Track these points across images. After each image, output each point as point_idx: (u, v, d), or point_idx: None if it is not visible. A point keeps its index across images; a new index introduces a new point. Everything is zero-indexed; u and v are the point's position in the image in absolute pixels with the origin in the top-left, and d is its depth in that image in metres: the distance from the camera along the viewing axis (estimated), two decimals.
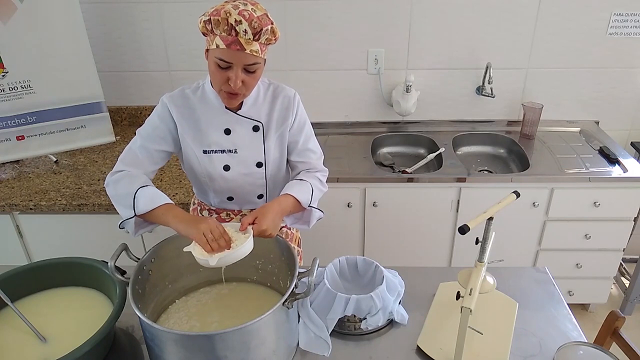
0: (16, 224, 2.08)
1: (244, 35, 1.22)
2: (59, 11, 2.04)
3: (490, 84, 2.47)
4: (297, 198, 1.38)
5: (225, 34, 1.21)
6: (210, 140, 1.41)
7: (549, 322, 1.36)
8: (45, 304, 1.32)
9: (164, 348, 1.10)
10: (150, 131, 1.40)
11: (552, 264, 2.32)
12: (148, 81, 2.58)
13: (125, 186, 1.32)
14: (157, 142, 1.40)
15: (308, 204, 1.42)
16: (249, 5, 1.24)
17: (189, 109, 1.40)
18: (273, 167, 1.49)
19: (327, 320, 1.29)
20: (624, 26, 2.40)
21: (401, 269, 1.49)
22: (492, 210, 1.20)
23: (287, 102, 1.45)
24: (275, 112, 1.44)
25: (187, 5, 2.39)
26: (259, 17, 1.22)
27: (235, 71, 1.26)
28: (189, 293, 1.40)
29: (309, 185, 1.44)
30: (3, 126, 2.10)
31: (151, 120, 1.42)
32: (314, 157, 1.52)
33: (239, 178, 1.46)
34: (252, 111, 1.42)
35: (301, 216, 1.49)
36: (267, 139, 1.45)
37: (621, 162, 2.28)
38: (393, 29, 2.43)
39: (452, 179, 2.22)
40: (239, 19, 1.20)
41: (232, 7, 1.21)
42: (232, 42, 1.22)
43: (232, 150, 1.43)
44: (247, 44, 1.22)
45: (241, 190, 1.50)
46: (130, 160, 1.39)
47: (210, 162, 1.43)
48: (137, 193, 1.29)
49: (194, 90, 1.42)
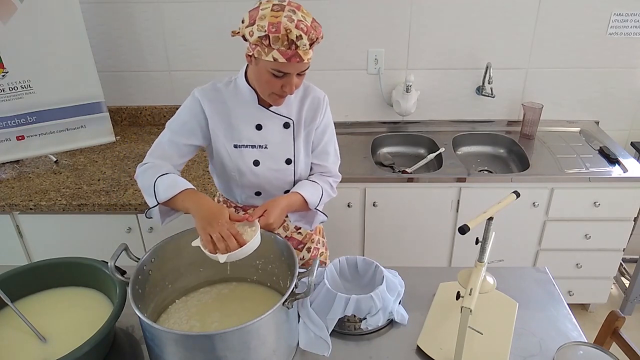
0: (16, 224, 2.08)
1: (303, 48, 1.22)
2: (59, 11, 2.04)
3: (490, 84, 2.47)
4: (306, 198, 1.41)
5: (284, 49, 1.21)
6: (242, 135, 1.42)
7: (549, 322, 1.36)
8: (45, 304, 1.32)
9: (164, 348, 1.10)
10: (179, 125, 1.42)
11: (552, 264, 2.32)
12: (148, 81, 2.58)
13: (149, 176, 1.34)
14: (185, 136, 1.42)
15: (315, 206, 1.44)
16: (298, 12, 1.22)
17: (221, 103, 1.41)
18: (302, 164, 1.50)
19: (327, 320, 1.29)
20: (624, 26, 2.40)
21: (401, 269, 1.49)
22: (492, 210, 1.20)
23: (316, 103, 1.47)
24: (304, 111, 1.45)
25: (187, 5, 2.39)
26: (312, 26, 1.23)
27: (291, 79, 1.27)
28: (189, 293, 1.40)
29: (319, 187, 1.46)
30: (3, 126, 2.10)
31: (181, 114, 1.43)
32: (330, 161, 1.54)
33: (268, 173, 1.47)
34: (283, 108, 1.43)
35: (305, 215, 1.50)
36: (297, 136, 1.46)
37: (621, 162, 2.28)
38: (393, 29, 2.43)
39: (452, 179, 2.22)
40: (299, 34, 1.20)
41: (287, 20, 1.19)
42: (292, 55, 1.22)
43: (262, 146, 1.44)
44: (304, 55, 1.24)
45: (269, 186, 1.51)
46: (158, 154, 1.41)
47: (240, 156, 1.44)
48: (156, 181, 1.31)
49: (226, 84, 1.43)
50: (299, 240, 1.66)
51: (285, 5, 1.22)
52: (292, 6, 1.23)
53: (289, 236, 1.64)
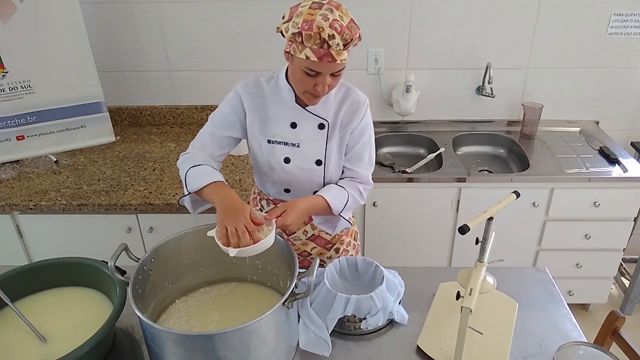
0: (16, 224, 2.08)
1: (336, 48, 1.22)
2: (59, 11, 2.04)
3: (490, 84, 2.47)
4: (330, 203, 1.40)
5: (316, 47, 1.21)
6: (276, 131, 1.43)
7: (549, 322, 1.36)
8: (45, 304, 1.32)
9: (164, 348, 1.10)
10: (221, 118, 1.45)
11: (552, 264, 2.31)
12: (148, 81, 2.58)
13: (184, 166, 1.38)
14: (225, 129, 1.45)
15: (339, 212, 1.43)
16: (336, 11, 1.21)
17: (261, 97, 1.43)
18: (332, 166, 1.49)
19: (327, 320, 1.29)
20: (624, 26, 2.40)
21: (401, 269, 1.49)
22: (492, 210, 1.20)
23: (355, 105, 1.45)
24: (342, 113, 1.44)
25: (187, 5, 2.39)
26: (348, 27, 1.22)
27: (324, 78, 1.27)
28: (189, 293, 1.40)
29: (346, 193, 1.45)
30: (3, 126, 2.10)
31: (222, 107, 1.46)
32: (363, 167, 1.50)
33: (297, 172, 1.47)
34: (320, 108, 1.43)
35: (329, 219, 1.50)
36: (330, 138, 1.45)
37: (621, 162, 2.28)
38: (393, 29, 2.43)
39: (452, 179, 2.22)
40: (332, 33, 1.19)
41: (322, 18, 1.19)
42: (324, 54, 1.22)
43: (294, 144, 1.44)
44: (337, 55, 1.23)
45: (298, 184, 1.50)
46: (199, 145, 1.45)
47: (272, 152, 1.45)
48: (188, 171, 1.35)
49: (268, 79, 1.44)
50: (327, 240, 1.64)
51: (324, 4, 1.22)
52: (332, 5, 1.23)
53: (316, 235, 1.62)
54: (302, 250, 1.64)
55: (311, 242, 1.62)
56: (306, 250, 1.64)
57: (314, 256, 1.64)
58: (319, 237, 1.63)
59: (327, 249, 1.65)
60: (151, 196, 2.01)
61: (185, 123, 2.66)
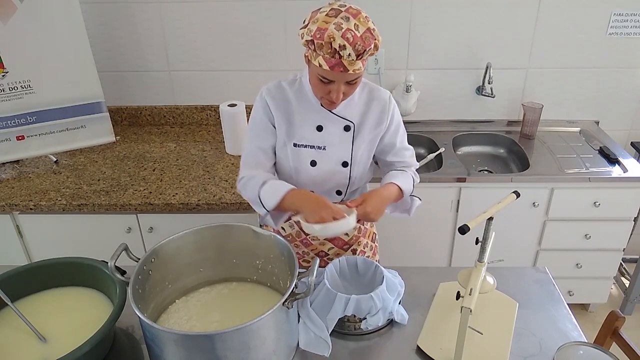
0: (16, 224, 2.08)
1: (348, 58, 1.21)
2: (59, 11, 2.04)
3: (490, 84, 2.47)
4: (401, 187, 1.43)
5: (328, 57, 1.21)
6: (301, 134, 1.43)
7: (549, 322, 1.36)
8: (45, 304, 1.32)
9: (164, 348, 1.10)
10: (259, 129, 1.45)
11: (552, 264, 2.31)
12: (148, 81, 2.58)
13: (252, 189, 1.40)
14: (267, 138, 1.45)
15: (410, 193, 1.48)
16: (352, 20, 1.20)
17: (285, 101, 1.42)
18: (358, 167, 1.49)
19: (327, 320, 1.29)
20: (624, 26, 2.40)
21: (401, 269, 1.49)
22: (492, 210, 1.20)
23: (382, 105, 1.45)
24: (371, 115, 1.45)
25: (187, 5, 2.39)
26: (362, 38, 1.20)
27: (337, 86, 1.27)
28: (189, 293, 1.40)
29: (409, 175, 1.50)
30: (3, 126, 2.10)
31: (255, 118, 1.45)
32: (409, 155, 1.56)
33: (323, 174, 1.47)
34: (345, 111, 1.43)
35: (399, 205, 1.53)
36: (356, 140, 1.45)
37: (621, 162, 2.28)
38: (393, 29, 2.43)
39: (452, 179, 2.22)
40: (343, 44, 1.18)
41: (335, 27, 1.18)
42: (335, 64, 1.21)
43: (321, 147, 1.44)
44: (350, 65, 1.22)
45: (321, 186, 1.51)
46: (253, 164, 1.46)
47: (299, 155, 1.45)
48: (260, 193, 1.38)
49: (291, 83, 1.44)
50: (344, 242, 1.63)
51: (341, 11, 1.20)
52: (350, 12, 1.21)
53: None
54: (319, 250, 1.63)
55: (329, 242, 1.62)
56: (323, 250, 1.63)
57: (331, 256, 1.63)
58: (336, 238, 1.62)
59: (345, 249, 1.65)
60: (151, 196, 2.01)
61: (185, 123, 2.66)
